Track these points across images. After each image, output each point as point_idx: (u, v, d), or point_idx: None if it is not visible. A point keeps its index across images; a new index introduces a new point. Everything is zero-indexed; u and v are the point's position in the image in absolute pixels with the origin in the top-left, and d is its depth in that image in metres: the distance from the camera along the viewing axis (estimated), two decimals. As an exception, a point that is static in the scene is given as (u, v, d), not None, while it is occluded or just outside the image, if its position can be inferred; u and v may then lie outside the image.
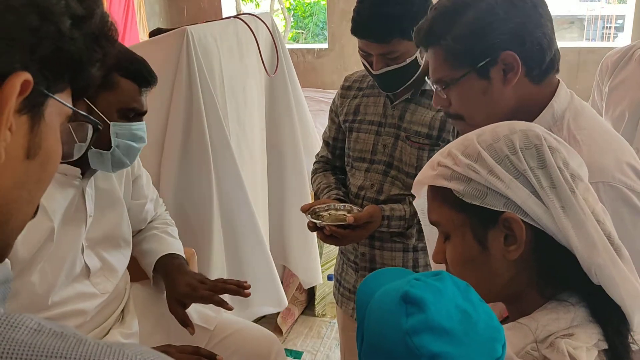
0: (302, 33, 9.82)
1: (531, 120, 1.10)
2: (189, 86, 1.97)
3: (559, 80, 1.13)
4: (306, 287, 2.80)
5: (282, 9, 7.03)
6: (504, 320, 0.89)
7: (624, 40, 4.83)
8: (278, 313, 2.70)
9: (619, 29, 9.26)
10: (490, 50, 1.05)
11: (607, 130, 1.14)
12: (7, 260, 0.52)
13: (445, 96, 1.13)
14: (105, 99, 1.27)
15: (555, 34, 1.11)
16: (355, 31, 1.49)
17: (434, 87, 1.15)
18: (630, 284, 0.76)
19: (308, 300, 3.00)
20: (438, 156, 0.85)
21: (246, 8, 7.96)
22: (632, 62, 1.90)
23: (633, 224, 1.01)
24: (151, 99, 2.02)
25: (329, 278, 2.94)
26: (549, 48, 1.08)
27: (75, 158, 0.71)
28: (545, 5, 1.09)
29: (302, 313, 2.97)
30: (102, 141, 1.28)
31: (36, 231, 1.23)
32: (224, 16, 5.31)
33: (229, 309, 1.42)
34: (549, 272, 0.80)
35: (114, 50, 0.54)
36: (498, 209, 0.78)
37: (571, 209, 0.76)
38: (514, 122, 0.86)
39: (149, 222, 1.67)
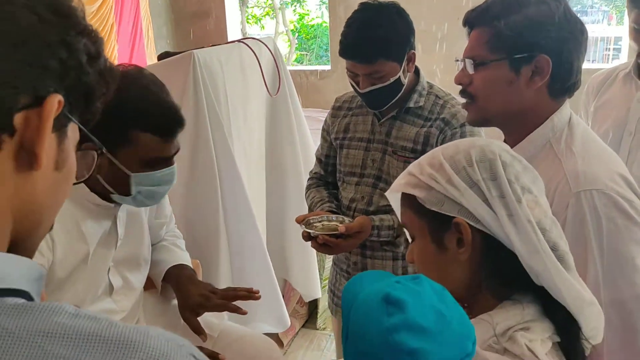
0: (307, 54, 10.00)
1: (532, 129, 1.20)
2: (196, 107, 2.07)
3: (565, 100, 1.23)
4: (307, 300, 2.87)
5: (287, 31, 7.18)
6: None
7: (622, 62, 4.91)
8: (279, 328, 2.77)
9: (619, 49, 9.38)
10: (531, 48, 1.14)
11: (600, 144, 1.23)
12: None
13: (471, 72, 1.21)
14: (124, 154, 1.28)
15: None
16: (343, 53, 1.61)
17: (462, 63, 1.23)
18: (572, 287, 0.84)
19: (309, 314, 3.08)
20: (410, 166, 0.95)
21: (251, 30, 8.14)
22: (616, 83, 2.00)
23: (626, 228, 1.09)
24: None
25: (330, 292, 3.01)
26: (576, 72, 1.18)
27: (84, 179, 0.78)
28: (587, 40, 1.19)
29: (303, 326, 3.04)
30: (124, 189, 1.31)
31: (73, 254, 1.33)
32: (229, 38, 5.45)
33: (244, 313, 1.50)
34: (500, 273, 0.88)
35: (113, 87, 0.63)
36: (453, 215, 0.86)
37: (516, 217, 0.84)
38: (477, 139, 0.95)
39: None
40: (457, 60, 1.26)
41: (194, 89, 2.05)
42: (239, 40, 2.41)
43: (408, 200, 0.93)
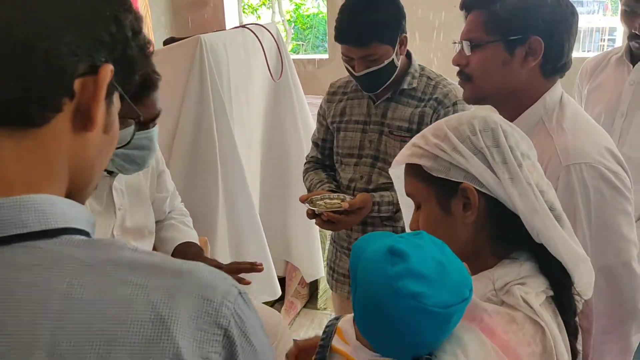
0: (302, 45, 10.03)
1: (526, 107, 1.27)
2: (200, 89, 2.14)
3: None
4: (308, 281, 2.95)
5: (283, 21, 7.21)
6: None
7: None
8: (281, 305, 2.85)
9: (614, 40, 9.44)
10: (525, 29, 1.21)
11: (589, 121, 1.30)
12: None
13: (468, 54, 1.28)
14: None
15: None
16: (338, 38, 1.68)
17: (460, 46, 1.30)
18: (568, 245, 0.91)
19: (309, 295, 3.15)
20: (414, 139, 1.01)
21: (247, 20, 8.17)
22: (608, 66, 2.07)
23: (612, 198, 1.17)
24: (163, 101, 2.19)
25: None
26: (567, 53, 1.25)
27: (126, 143, 0.84)
28: (577, 21, 1.25)
29: (304, 306, 3.12)
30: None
31: None
32: (227, 27, 5.49)
33: (247, 283, 1.58)
34: (501, 234, 0.95)
35: (150, 61, 0.68)
36: (459, 181, 0.93)
37: (518, 180, 0.90)
38: (477, 111, 1.02)
39: (168, 213, 1.83)
40: (455, 43, 1.33)
41: (200, 72, 2.12)
42: (242, 26, 2.46)
43: (414, 170, 1.00)
